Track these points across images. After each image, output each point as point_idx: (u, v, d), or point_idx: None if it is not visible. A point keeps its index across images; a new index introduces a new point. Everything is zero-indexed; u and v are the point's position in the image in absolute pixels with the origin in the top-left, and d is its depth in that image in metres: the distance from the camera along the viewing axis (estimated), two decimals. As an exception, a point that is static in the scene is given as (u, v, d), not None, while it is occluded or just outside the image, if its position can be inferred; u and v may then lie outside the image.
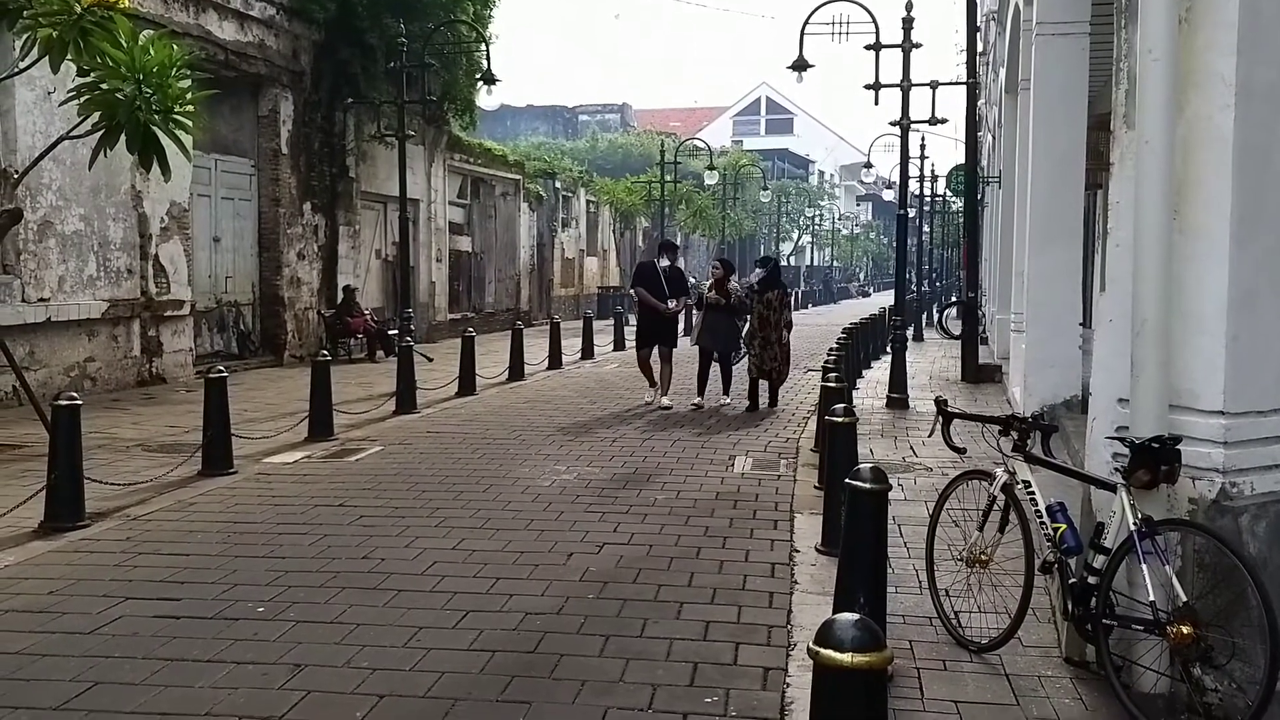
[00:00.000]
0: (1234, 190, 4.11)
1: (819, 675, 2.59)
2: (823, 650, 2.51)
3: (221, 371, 9.03)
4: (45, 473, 7.04)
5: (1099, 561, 4.24)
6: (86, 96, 8.40)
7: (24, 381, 9.81)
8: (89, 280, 13.15)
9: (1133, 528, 4.04)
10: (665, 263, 13.22)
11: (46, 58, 8.37)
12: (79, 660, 4.64)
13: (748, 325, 12.67)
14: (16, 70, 9.48)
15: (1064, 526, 4.47)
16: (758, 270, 13.07)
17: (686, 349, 13.52)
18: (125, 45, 8.20)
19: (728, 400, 12.99)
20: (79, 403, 7.20)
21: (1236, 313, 4.13)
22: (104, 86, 8.29)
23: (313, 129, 18.40)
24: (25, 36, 8.48)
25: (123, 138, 8.45)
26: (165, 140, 8.53)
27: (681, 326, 13.59)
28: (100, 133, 8.52)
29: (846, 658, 2.48)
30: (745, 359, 12.97)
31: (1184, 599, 3.90)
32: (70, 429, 7.03)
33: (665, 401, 12.80)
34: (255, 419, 11.23)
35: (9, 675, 4.49)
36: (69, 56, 8.30)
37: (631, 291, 13.88)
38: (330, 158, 18.99)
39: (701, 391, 12.91)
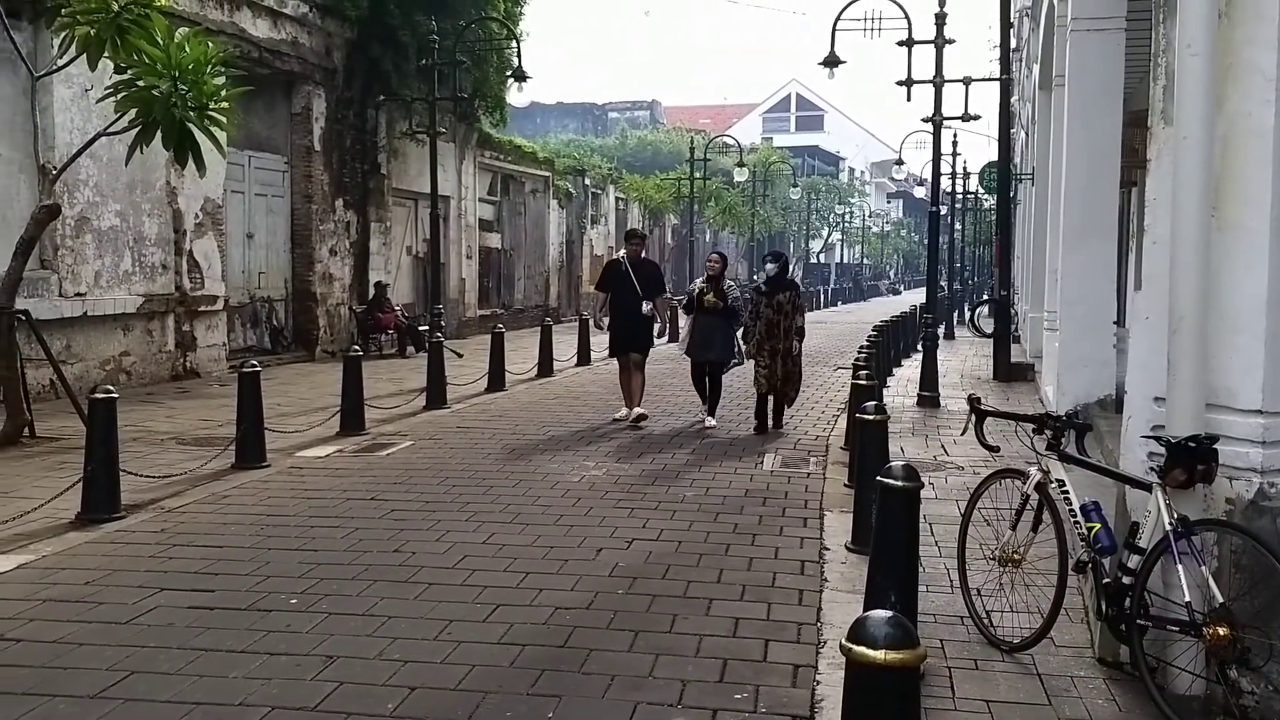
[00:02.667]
0: (1274, 186, 4.05)
1: (852, 672, 2.58)
2: (856, 647, 2.50)
3: (255, 366, 9.10)
4: (82, 465, 7.13)
5: (1134, 561, 4.20)
6: (124, 93, 8.51)
7: (61, 375, 9.96)
8: (124, 275, 13.30)
9: (1168, 528, 4.00)
10: (622, 253, 11.46)
11: (85, 55, 8.50)
12: (115, 650, 4.70)
13: (754, 333, 10.82)
14: (55, 67, 9.63)
15: (1098, 526, 4.43)
16: (768, 266, 11.07)
17: (659, 357, 11.90)
18: (161, 43, 8.31)
19: (713, 423, 11.11)
20: (115, 396, 7.28)
21: (1276, 310, 4.08)
22: (140, 83, 8.40)
23: (345, 126, 18.52)
24: (64, 34, 8.61)
25: (159, 134, 8.56)
26: (200, 137, 8.63)
27: (658, 327, 11.65)
28: (137, 129, 8.64)
29: (880, 655, 2.47)
30: (734, 368, 11.30)
31: (1220, 600, 3.86)
32: (107, 422, 7.11)
33: (639, 411, 11.15)
34: (288, 413, 11.33)
35: (47, 664, 4.56)
36: (106, 54, 8.42)
37: (596, 294, 12.12)
38: (362, 154, 19.12)
39: (704, 400, 11.28)
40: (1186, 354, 4.12)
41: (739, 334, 11.08)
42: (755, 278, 28.73)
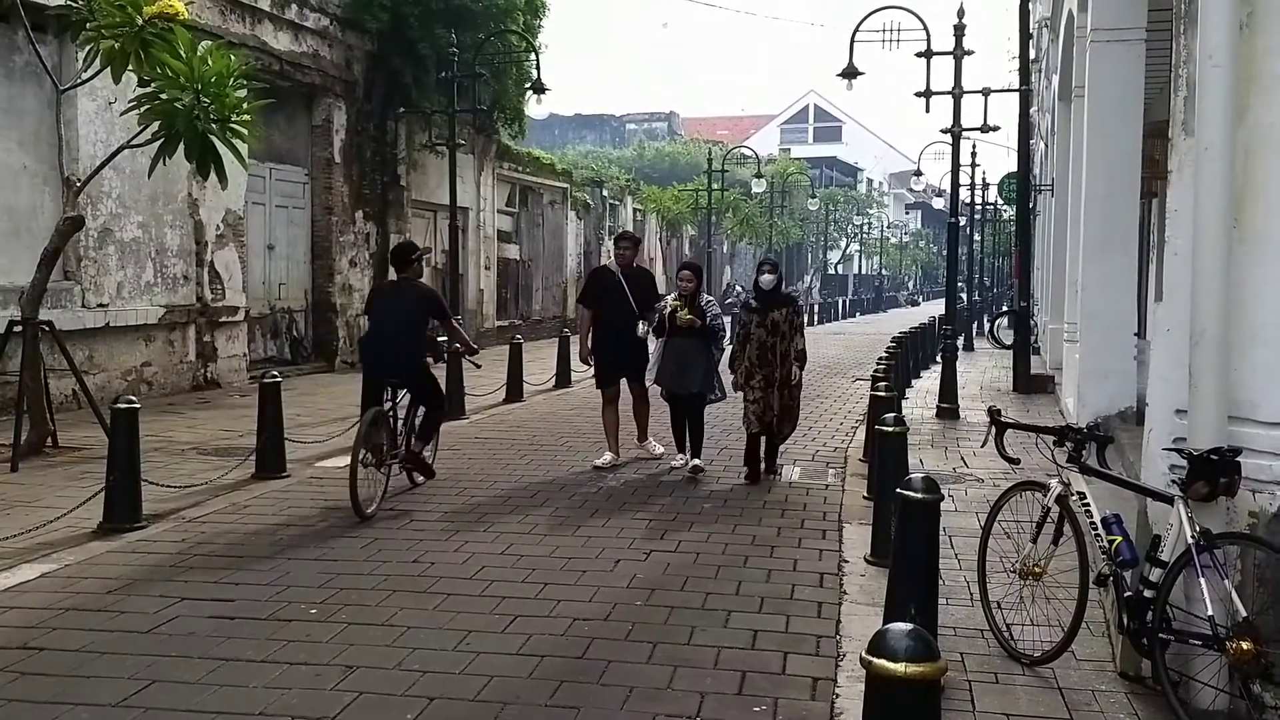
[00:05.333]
0: (1297, 198, 4.03)
1: (872, 685, 2.58)
2: (876, 660, 2.50)
3: (275, 376, 9.15)
4: (104, 475, 7.18)
5: (1155, 575, 4.17)
6: (147, 106, 8.59)
7: (84, 385, 10.02)
8: (146, 286, 13.40)
9: (1190, 541, 3.98)
10: (610, 261, 9.54)
11: (109, 68, 8.58)
12: (136, 659, 4.73)
13: (743, 360, 8.84)
14: (80, 81, 9.72)
15: (1119, 539, 4.40)
16: (767, 276, 8.92)
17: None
18: (184, 56, 8.38)
19: (700, 463, 9.18)
20: (137, 406, 7.34)
21: (1299, 323, 4.05)
22: (163, 96, 8.47)
23: (365, 138, 18.62)
24: (88, 48, 8.71)
25: (181, 146, 8.63)
26: (222, 149, 8.69)
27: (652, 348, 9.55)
28: (159, 141, 8.71)
29: (900, 668, 2.47)
30: (715, 403, 9.42)
31: (1243, 614, 3.84)
32: (129, 432, 7.16)
33: (655, 448, 9.77)
34: (307, 423, 11.36)
35: (69, 672, 4.59)
36: (130, 67, 8.50)
37: (579, 310, 10.23)
38: (382, 166, 19.21)
39: (683, 447, 9.30)
40: (1208, 366, 4.10)
41: (723, 361, 9.28)
42: (738, 291, 26.22)
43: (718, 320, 9.15)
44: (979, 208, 36.14)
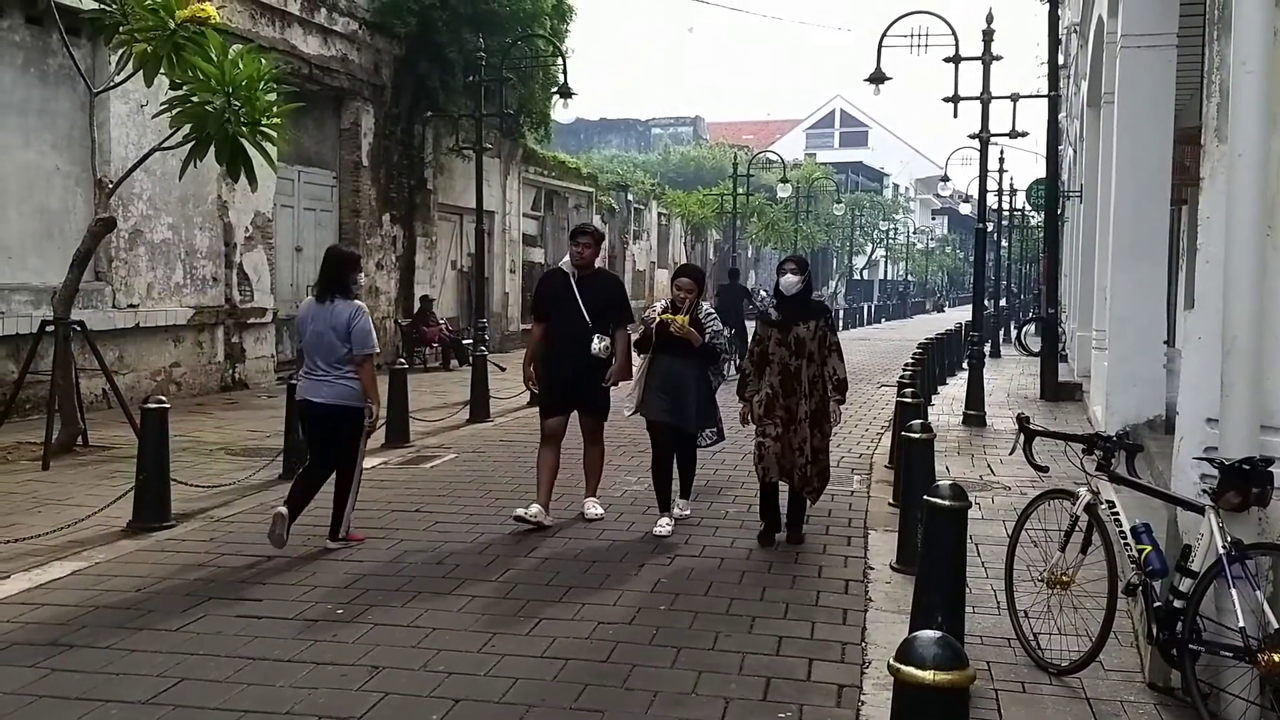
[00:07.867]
0: (1332, 206, 3.99)
1: (899, 693, 2.57)
2: (904, 667, 2.49)
3: (302, 378, 9.18)
4: (134, 474, 7.25)
5: (1185, 585, 4.13)
6: (178, 109, 8.67)
7: (114, 385, 10.14)
8: (176, 287, 13.53)
9: (1221, 551, 3.94)
10: (567, 261, 7.58)
11: (141, 71, 8.68)
12: (165, 656, 4.77)
13: (758, 387, 6.92)
14: (113, 83, 9.84)
15: (1149, 548, 4.36)
16: (790, 277, 6.91)
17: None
18: (216, 59, 8.45)
19: (686, 512, 7.56)
20: (167, 406, 7.40)
21: (1333, 332, 4.01)
22: (195, 99, 8.55)
23: (392, 142, 18.73)
24: (121, 51, 8.81)
25: (212, 149, 8.71)
26: (252, 151, 8.76)
27: (612, 373, 7.48)
28: (190, 144, 8.80)
29: (928, 675, 2.46)
30: (709, 444, 7.67)
31: (1275, 626, 3.79)
32: (158, 432, 7.22)
33: (593, 510, 7.56)
34: (333, 425, 11.42)
35: (99, 669, 4.63)
36: (162, 70, 8.59)
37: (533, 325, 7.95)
38: (409, 170, 19.32)
39: (666, 504, 7.28)
40: (1240, 375, 4.07)
41: (728, 385, 7.67)
42: (762, 296, 26.31)
43: (718, 338, 7.36)
44: (1006, 213, 35.94)
